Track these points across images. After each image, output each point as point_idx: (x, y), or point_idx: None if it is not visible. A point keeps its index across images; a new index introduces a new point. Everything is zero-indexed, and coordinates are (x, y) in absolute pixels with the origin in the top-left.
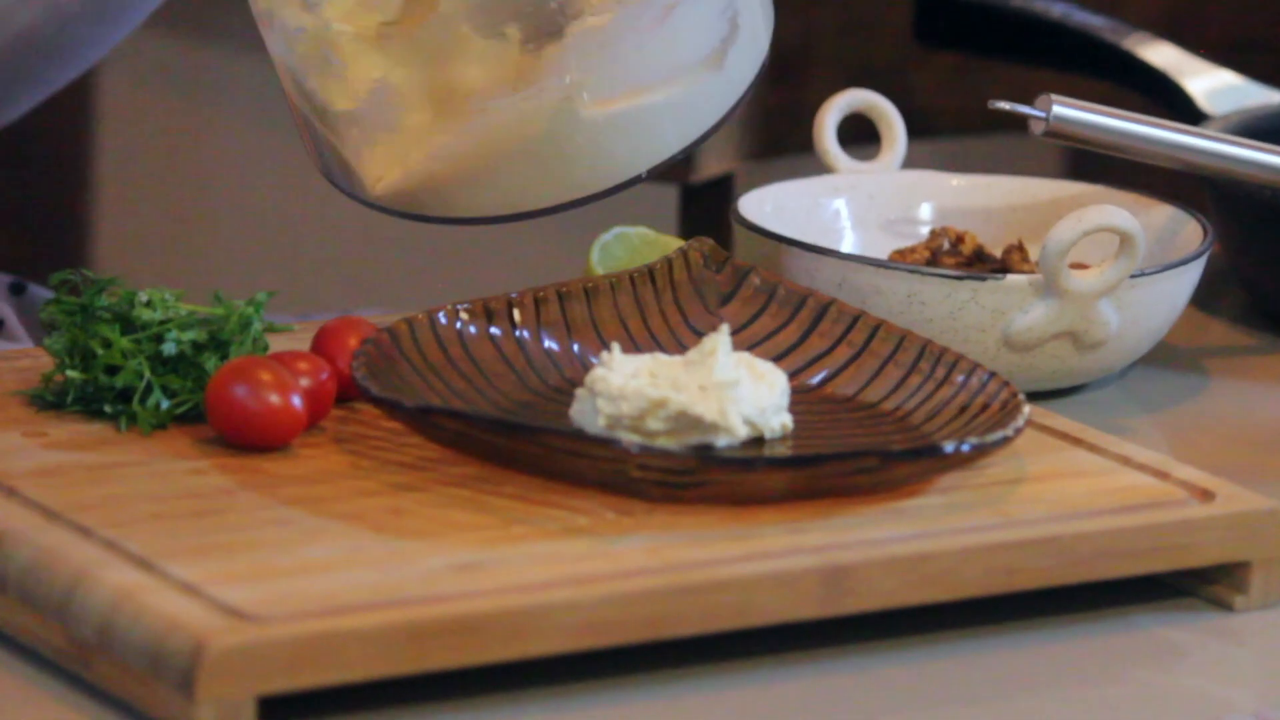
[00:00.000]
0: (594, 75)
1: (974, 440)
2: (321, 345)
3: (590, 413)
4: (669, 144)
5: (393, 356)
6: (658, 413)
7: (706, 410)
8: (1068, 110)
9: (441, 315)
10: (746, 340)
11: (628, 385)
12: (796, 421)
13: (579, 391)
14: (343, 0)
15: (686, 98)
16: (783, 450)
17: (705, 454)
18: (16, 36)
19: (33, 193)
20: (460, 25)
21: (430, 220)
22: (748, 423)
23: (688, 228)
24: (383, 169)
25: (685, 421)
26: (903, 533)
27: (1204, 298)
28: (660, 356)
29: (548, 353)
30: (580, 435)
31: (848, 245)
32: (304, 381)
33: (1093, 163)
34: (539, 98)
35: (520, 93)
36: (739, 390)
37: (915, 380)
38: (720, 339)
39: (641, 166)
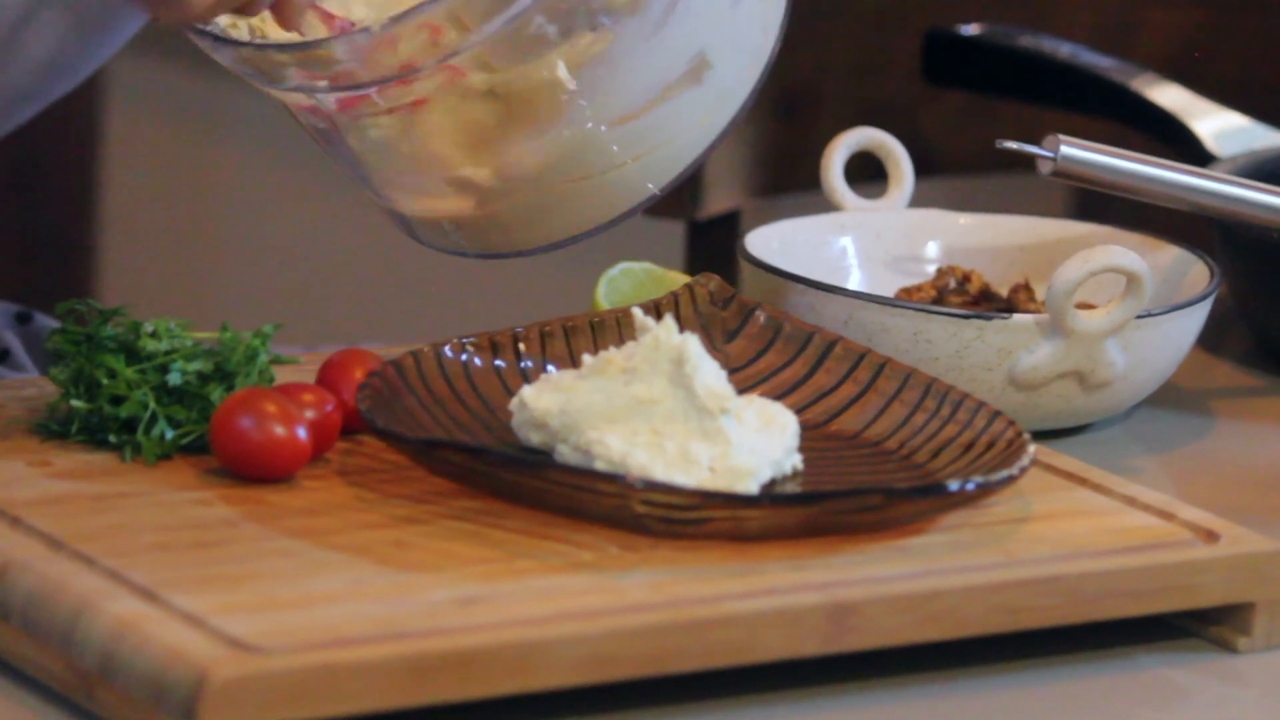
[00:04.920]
0: (601, 98)
1: (979, 479)
2: (327, 377)
3: (584, 460)
4: (677, 160)
5: (398, 389)
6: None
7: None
8: (1075, 150)
9: (447, 348)
10: (752, 377)
11: (630, 455)
12: (801, 458)
13: (561, 448)
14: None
15: (681, 111)
16: (789, 487)
17: (710, 491)
18: (26, 60)
19: (39, 222)
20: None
21: (498, 257)
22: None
23: (694, 264)
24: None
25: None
26: (906, 571)
27: (1210, 339)
28: (659, 409)
29: None
30: (584, 470)
31: (854, 283)
32: (309, 413)
33: (1100, 203)
34: (566, 129)
35: (546, 131)
36: (755, 461)
37: (920, 418)
38: (730, 427)
39: (656, 185)
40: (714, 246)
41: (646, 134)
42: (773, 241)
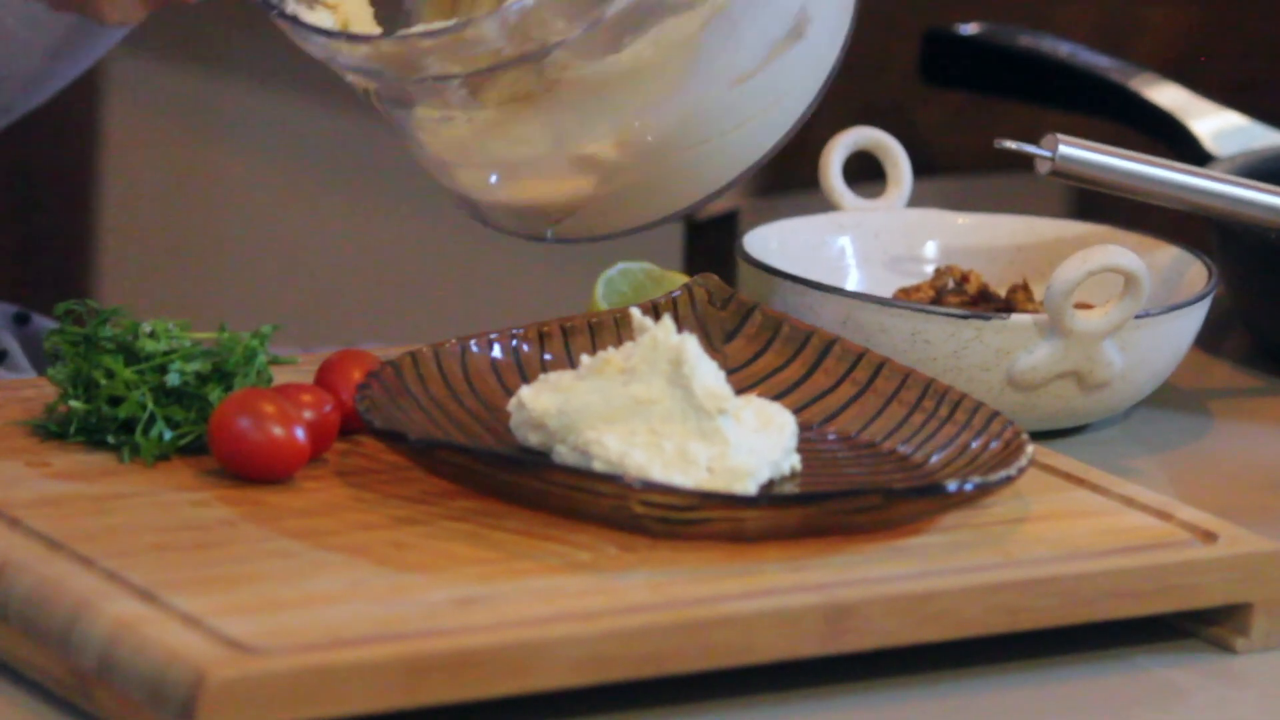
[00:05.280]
0: (726, 57)
1: (977, 479)
2: (325, 378)
3: (582, 461)
4: (785, 119)
5: (396, 390)
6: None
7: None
8: (1073, 150)
9: (445, 349)
10: (750, 377)
11: (628, 455)
12: (799, 459)
13: (560, 448)
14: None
15: (789, 68)
16: (787, 488)
17: (708, 492)
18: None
19: (38, 223)
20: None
21: (596, 239)
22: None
23: (692, 264)
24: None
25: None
26: (905, 571)
27: (1208, 339)
28: (657, 409)
29: None
30: (582, 471)
31: (852, 283)
32: (307, 414)
33: (1098, 203)
34: (693, 91)
35: (674, 95)
36: (753, 461)
37: (918, 419)
38: (728, 427)
39: (766, 145)
40: (712, 246)
41: (760, 92)
42: (771, 241)
